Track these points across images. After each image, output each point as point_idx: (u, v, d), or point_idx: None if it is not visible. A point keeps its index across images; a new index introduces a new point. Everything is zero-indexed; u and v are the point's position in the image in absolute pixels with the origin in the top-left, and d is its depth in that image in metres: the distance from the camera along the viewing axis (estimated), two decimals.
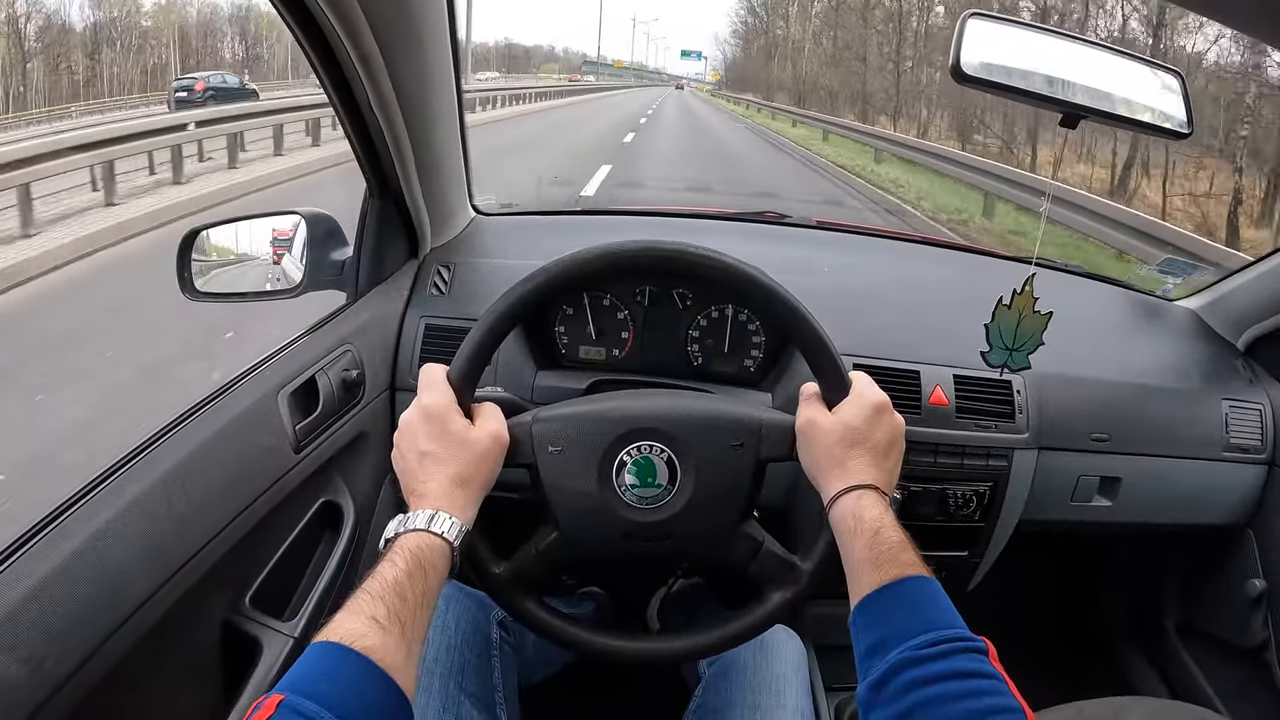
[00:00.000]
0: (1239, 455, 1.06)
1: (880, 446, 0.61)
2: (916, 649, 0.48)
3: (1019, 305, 0.78)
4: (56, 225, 4.72)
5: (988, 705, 0.45)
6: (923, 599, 0.52)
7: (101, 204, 5.31)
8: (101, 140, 5.41)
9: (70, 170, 5.14)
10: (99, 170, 5.37)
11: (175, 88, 15.00)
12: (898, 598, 0.52)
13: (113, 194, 5.37)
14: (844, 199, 8.01)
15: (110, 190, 5.36)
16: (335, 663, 0.45)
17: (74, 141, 5.34)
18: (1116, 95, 0.77)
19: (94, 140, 5.39)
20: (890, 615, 0.51)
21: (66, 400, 2.65)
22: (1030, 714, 0.45)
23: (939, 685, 0.46)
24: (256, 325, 2.28)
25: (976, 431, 0.95)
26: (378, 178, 0.91)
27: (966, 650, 0.48)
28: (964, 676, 0.47)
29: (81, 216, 4.98)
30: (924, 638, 0.48)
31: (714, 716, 0.76)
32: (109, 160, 5.37)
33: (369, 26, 0.67)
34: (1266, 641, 1.08)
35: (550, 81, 37.51)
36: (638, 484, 0.62)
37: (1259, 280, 1.10)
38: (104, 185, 5.36)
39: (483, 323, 0.63)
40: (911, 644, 0.48)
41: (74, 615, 0.53)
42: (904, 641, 0.49)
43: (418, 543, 0.53)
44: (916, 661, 0.48)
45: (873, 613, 0.53)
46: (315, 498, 0.85)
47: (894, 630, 0.50)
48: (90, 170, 5.39)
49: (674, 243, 0.65)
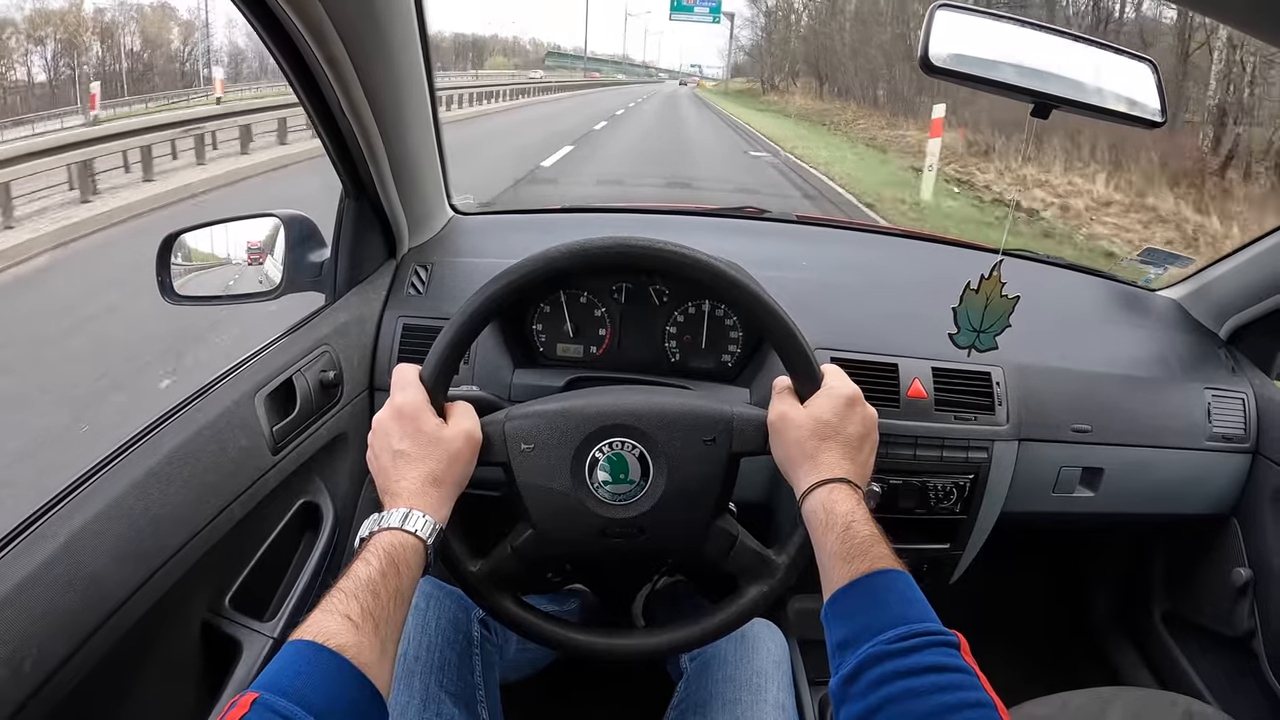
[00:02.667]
0: (1222, 444, 1.06)
1: (852, 439, 0.61)
2: (887, 643, 0.48)
3: (986, 289, 0.79)
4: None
5: (959, 699, 0.45)
6: (894, 592, 0.52)
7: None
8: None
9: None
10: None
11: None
12: (868, 591, 0.52)
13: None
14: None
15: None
16: (309, 661, 0.45)
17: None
18: (1089, 85, 0.77)
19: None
20: (861, 609, 0.51)
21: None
22: (1001, 707, 0.45)
23: (909, 680, 0.46)
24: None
25: (956, 424, 0.95)
26: (353, 179, 0.90)
27: (937, 644, 0.48)
28: (934, 671, 0.46)
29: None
30: (894, 632, 0.48)
31: (695, 711, 0.76)
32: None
33: (334, 28, 0.67)
34: (1253, 630, 1.08)
35: (490, 80, 28.96)
36: (610, 480, 0.63)
37: (1240, 269, 1.10)
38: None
39: (454, 322, 0.63)
40: (882, 638, 0.48)
41: (52, 617, 0.53)
42: (874, 636, 0.49)
43: (391, 541, 0.53)
44: (886, 656, 0.48)
45: (843, 607, 0.52)
46: (294, 499, 0.85)
47: (864, 624, 0.50)
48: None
49: (645, 239, 0.65)
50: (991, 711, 0.45)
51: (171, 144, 7.08)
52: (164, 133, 6.88)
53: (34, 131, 6.58)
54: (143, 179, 6.39)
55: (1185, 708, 0.82)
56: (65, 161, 5.50)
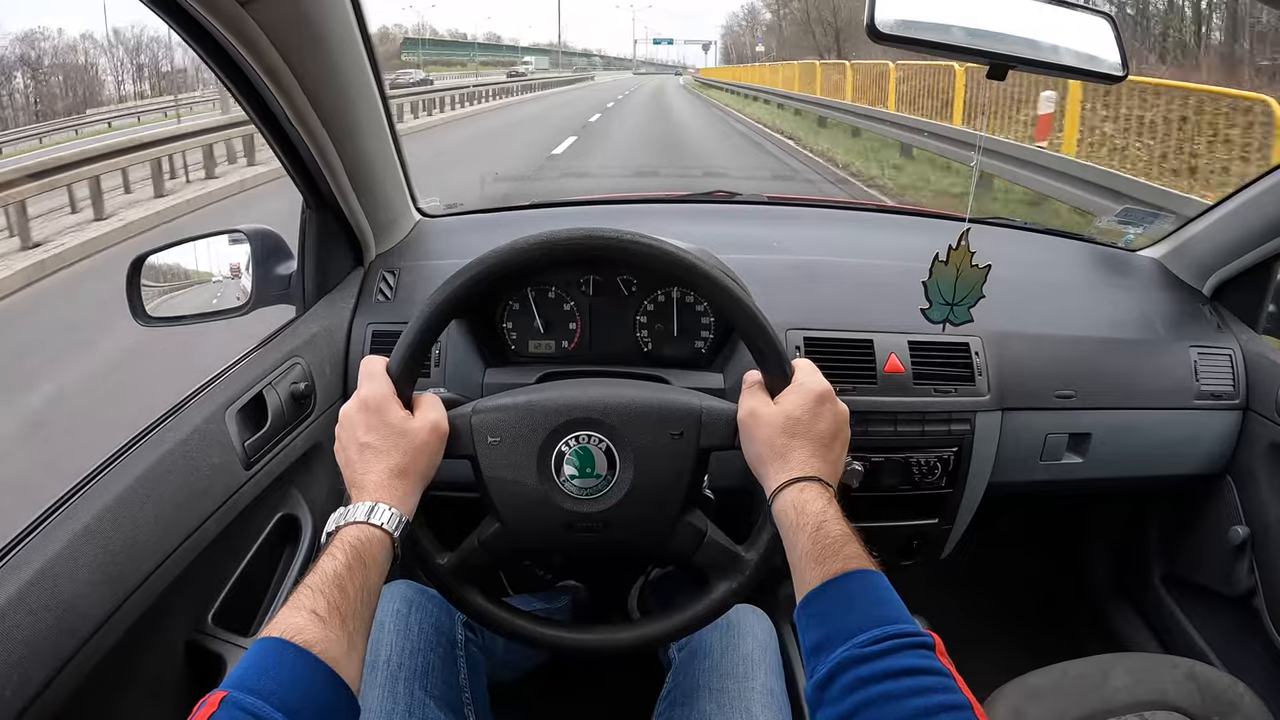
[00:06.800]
0: (1211, 402, 1.04)
1: (823, 437, 0.59)
2: (860, 646, 0.46)
3: (955, 260, 0.77)
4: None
5: (936, 703, 0.43)
6: (867, 594, 0.50)
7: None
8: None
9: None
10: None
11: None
12: (841, 593, 0.51)
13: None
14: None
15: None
16: (276, 657, 0.45)
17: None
18: (1044, 43, 0.76)
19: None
20: (833, 612, 0.50)
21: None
22: (979, 708, 0.44)
23: (883, 684, 0.45)
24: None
25: (936, 397, 0.94)
26: (311, 190, 0.90)
27: (911, 646, 0.46)
28: (909, 674, 0.45)
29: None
30: (867, 635, 0.47)
31: (684, 702, 0.75)
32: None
33: (268, 40, 0.66)
34: (1254, 588, 1.06)
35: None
36: (577, 474, 0.62)
37: (1221, 223, 1.08)
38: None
39: (420, 315, 0.62)
40: (855, 641, 0.47)
41: (31, 644, 0.53)
42: (847, 639, 0.47)
43: (357, 535, 0.53)
44: (860, 660, 0.46)
45: (816, 609, 0.51)
46: (273, 513, 0.85)
47: (837, 627, 0.49)
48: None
49: (613, 230, 0.64)
50: (968, 714, 0.43)
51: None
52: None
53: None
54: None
55: (1187, 669, 0.81)
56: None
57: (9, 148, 12.07)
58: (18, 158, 7.03)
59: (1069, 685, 0.80)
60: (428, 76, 29.82)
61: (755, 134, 11.88)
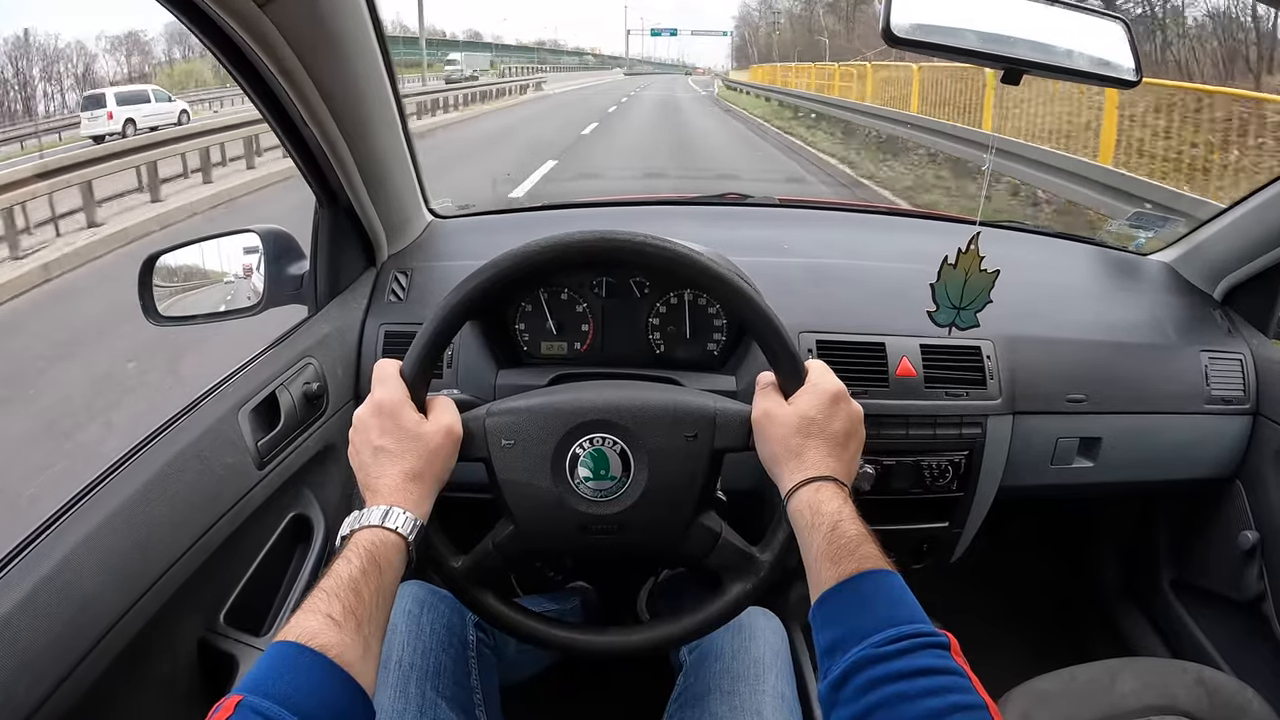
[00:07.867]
0: (1221, 407, 1.04)
1: (838, 436, 0.59)
2: (875, 646, 0.47)
3: (964, 264, 0.77)
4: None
5: (951, 703, 0.43)
6: (881, 594, 0.50)
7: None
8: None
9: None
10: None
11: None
12: (856, 593, 0.51)
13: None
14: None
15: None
16: (292, 662, 0.45)
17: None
18: (1058, 47, 0.76)
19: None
20: (848, 612, 0.50)
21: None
22: (994, 708, 0.44)
23: (898, 684, 0.45)
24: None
25: (947, 400, 0.94)
26: (324, 190, 0.90)
27: (927, 646, 0.46)
28: (924, 674, 0.45)
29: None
30: (882, 635, 0.47)
31: (694, 704, 0.75)
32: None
33: (284, 39, 0.66)
34: (1263, 593, 1.06)
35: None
36: (591, 476, 0.62)
37: (1232, 228, 1.08)
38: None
39: (434, 318, 0.62)
40: (870, 641, 0.47)
41: (44, 643, 0.53)
42: (862, 639, 0.47)
43: (372, 539, 0.53)
44: (875, 660, 0.46)
45: (831, 609, 0.51)
46: (285, 513, 0.85)
47: (852, 627, 0.49)
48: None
49: (623, 231, 0.64)
50: (983, 714, 0.43)
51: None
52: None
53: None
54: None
55: (1196, 675, 0.81)
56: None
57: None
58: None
59: (1077, 690, 0.80)
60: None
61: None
